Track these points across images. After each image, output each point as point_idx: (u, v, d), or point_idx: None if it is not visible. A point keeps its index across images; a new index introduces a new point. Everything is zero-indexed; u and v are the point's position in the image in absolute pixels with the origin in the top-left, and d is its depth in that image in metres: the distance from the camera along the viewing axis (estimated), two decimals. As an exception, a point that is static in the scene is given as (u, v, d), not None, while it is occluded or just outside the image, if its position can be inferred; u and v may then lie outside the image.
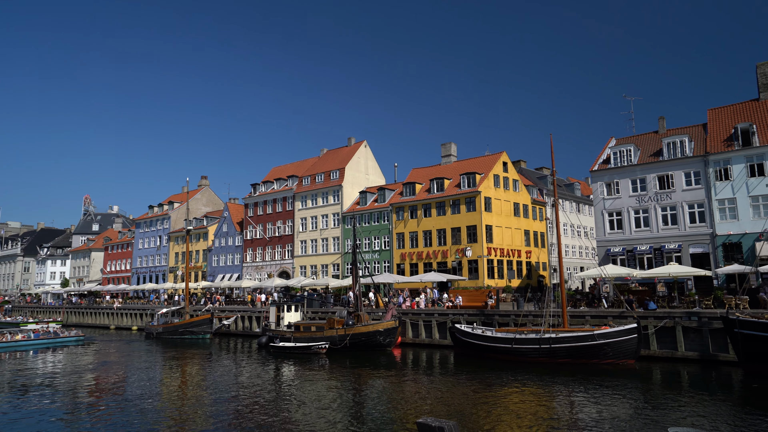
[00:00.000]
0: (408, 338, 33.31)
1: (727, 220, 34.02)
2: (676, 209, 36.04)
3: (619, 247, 37.93)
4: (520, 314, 29.08)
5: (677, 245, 35.52)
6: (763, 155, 33.22)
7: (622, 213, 38.27)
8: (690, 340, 24.07)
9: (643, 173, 37.74)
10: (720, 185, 34.43)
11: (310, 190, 59.36)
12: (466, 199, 45.78)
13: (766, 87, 37.49)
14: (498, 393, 18.03)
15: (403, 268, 49.09)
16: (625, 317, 25.64)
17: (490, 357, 25.70)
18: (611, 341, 23.13)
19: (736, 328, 20.40)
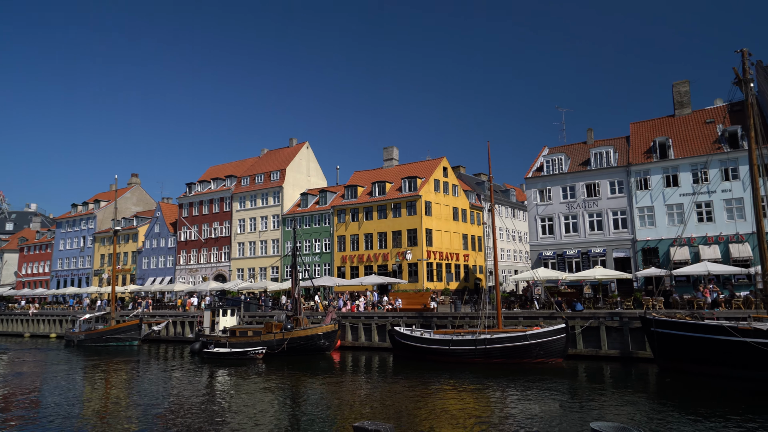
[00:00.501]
0: (347, 341, 33.19)
1: (646, 227, 36.61)
2: (602, 216, 38.35)
3: (550, 251, 39.80)
4: (458, 316, 29.78)
5: (602, 250, 37.79)
6: (677, 167, 36.06)
7: (554, 219, 40.20)
8: (612, 338, 25.63)
9: (573, 181, 39.87)
10: (640, 194, 37.01)
11: (249, 191, 57.85)
12: (408, 202, 46.36)
13: (681, 104, 40.77)
14: (435, 394, 18.34)
15: (344, 270, 48.93)
16: (554, 318, 26.90)
17: (428, 359, 26.10)
18: (542, 341, 24.19)
19: (652, 327, 21.95)
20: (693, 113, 40.18)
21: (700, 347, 20.40)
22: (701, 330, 20.43)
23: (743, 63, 20.94)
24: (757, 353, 18.76)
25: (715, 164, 34.56)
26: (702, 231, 34.53)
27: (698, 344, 20.45)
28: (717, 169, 34.61)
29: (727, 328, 19.62)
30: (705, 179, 34.85)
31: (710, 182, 34.67)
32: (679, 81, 40.94)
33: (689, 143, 37.07)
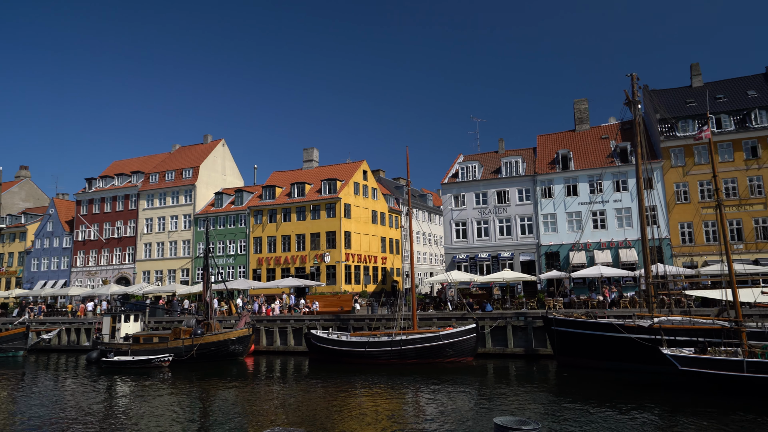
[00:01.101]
0: (262, 346, 32.33)
1: (549, 232, 39.38)
2: (511, 221, 40.68)
3: (463, 255, 41.50)
4: (374, 318, 30.11)
5: (510, 253, 40.07)
6: (577, 178, 39.19)
7: (467, 223, 41.99)
8: (518, 337, 27.26)
9: (485, 188, 41.93)
10: (545, 202, 39.76)
11: (158, 189, 54.49)
12: (327, 205, 46.15)
13: (581, 120, 44.40)
14: (351, 396, 18.39)
15: (260, 273, 47.62)
16: (466, 319, 28.09)
17: (345, 361, 26.12)
18: (454, 341, 25.15)
19: (552, 326, 23.65)
20: (591, 129, 43.92)
21: (593, 343, 22.30)
22: (594, 328, 22.34)
23: (632, 86, 23.28)
24: (641, 348, 20.86)
25: (608, 176, 38.01)
26: (597, 237, 37.78)
27: (592, 341, 22.34)
28: (610, 181, 38.08)
29: (616, 326, 21.64)
30: (600, 190, 38.20)
31: (604, 193, 38.07)
32: (580, 99, 44.62)
33: (587, 156, 40.45)
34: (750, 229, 34.58)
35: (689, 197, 36.27)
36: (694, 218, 35.81)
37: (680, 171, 36.76)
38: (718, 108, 37.18)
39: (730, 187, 35.51)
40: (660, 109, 38.30)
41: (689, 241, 35.94)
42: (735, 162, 35.59)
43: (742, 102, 37.13)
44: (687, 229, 36.10)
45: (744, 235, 34.64)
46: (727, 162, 35.76)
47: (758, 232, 34.44)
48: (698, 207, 35.82)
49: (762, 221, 34.53)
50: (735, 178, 35.43)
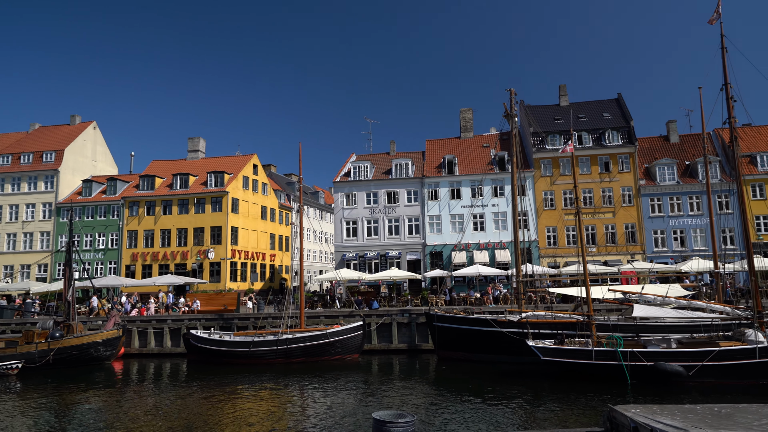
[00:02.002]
0: (134, 348, 29.81)
1: (434, 233, 41.39)
2: (399, 221, 42.07)
3: (353, 253, 42.02)
4: (260, 317, 29.30)
5: (398, 252, 41.42)
6: (460, 182, 41.68)
7: (358, 222, 42.59)
8: (402, 333, 28.29)
9: (376, 188, 42.87)
10: (431, 204, 41.72)
11: (11, 172, 47.70)
12: (213, 198, 43.89)
13: (466, 128, 47.29)
14: (231, 399, 17.70)
15: (134, 269, 43.86)
16: (353, 316, 28.49)
17: (227, 363, 25.06)
18: (341, 338, 25.38)
19: (434, 321, 24.92)
20: (474, 137, 46.98)
21: (470, 338, 23.91)
22: (471, 323, 23.96)
23: (511, 100, 25.37)
24: (511, 341, 22.80)
25: (488, 182, 40.98)
26: (476, 238, 40.53)
27: (469, 335, 23.94)
28: (489, 186, 41.09)
29: (490, 321, 23.42)
30: (480, 194, 41.04)
31: (484, 197, 40.98)
32: (465, 108, 47.53)
33: (470, 163, 43.21)
34: (602, 234, 39.49)
35: (555, 204, 40.44)
36: (558, 223, 39.99)
37: (548, 180, 40.83)
38: (580, 126, 41.92)
39: (588, 197, 40.23)
40: (533, 123, 42.19)
41: (554, 244, 40.06)
42: (592, 175, 40.41)
43: (599, 122, 42.27)
44: (552, 233, 40.20)
45: (597, 239, 39.47)
46: (586, 174, 40.47)
47: (607, 237, 39.47)
48: (561, 213, 40.08)
49: (611, 228, 39.62)
50: (591, 189, 40.23)
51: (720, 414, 4.48)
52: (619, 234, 39.37)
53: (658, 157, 41.83)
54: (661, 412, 4.47)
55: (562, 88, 46.06)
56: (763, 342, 17.67)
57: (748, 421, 3.96)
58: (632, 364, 18.13)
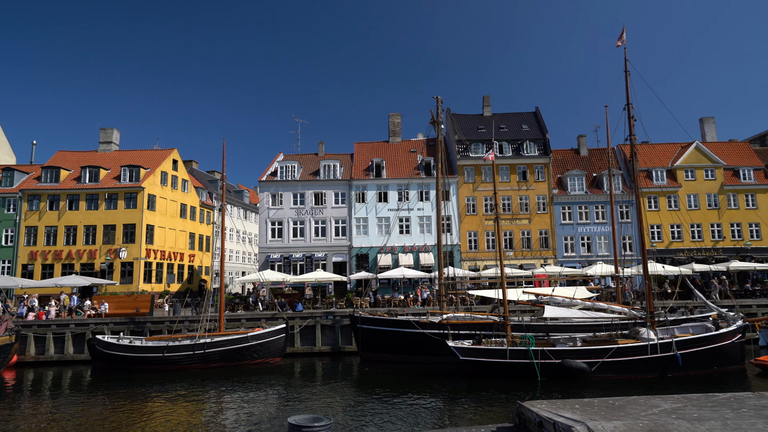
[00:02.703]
0: (29, 356, 27.18)
1: (361, 235, 41.59)
2: (326, 223, 41.83)
3: (278, 254, 41.16)
4: (176, 320, 27.87)
5: (324, 254, 41.16)
6: (388, 186, 42.24)
7: (284, 223, 41.80)
8: (326, 336, 28.13)
9: (304, 189, 42.34)
10: (358, 206, 41.88)
11: None
12: (127, 194, 41.15)
13: (394, 133, 48.02)
14: (141, 408, 16.67)
15: (33, 269, 40.04)
16: (276, 319, 27.91)
17: (139, 369, 23.58)
18: (262, 342, 24.76)
19: (358, 323, 25.03)
20: (402, 142, 47.83)
21: (393, 339, 24.26)
22: (394, 324, 24.33)
23: (437, 108, 26.13)
24: (432, 341, 23.41)
25: (414, 187, 41.87)
26: (402, 241, 41.24)
27: (392, 336, 24.28)
28: (415, 191, 41.99)
29: (413, 322, 23.92)
30: (407, 198, 41.83)
31: (410, 201, 41.81)
32: (394, 113, 48.25)
33: (398, 167, 43.93)
34: (518, 240, 41.70)
35: (476, 210, 42.12)
36: (479, 228, 41.70)
37: (471, 187, 42.47)
38: (501, 136, 44.04)
39: (506, 204, 42.33)
40: (458, 131, 43.74)
41: (475, 248, 41.71)
42: (511, 183, 42.58)
43: (518, 134, 44.66)
44: (473, 237, 41.84)
45: (514, 244, 41.62)
46: (505, 182, 42.57)
47: (523, 242, 41.75)
48: (482, 219, 41.83)
49: (527, 233, 41.95)
50: (510, 196, 42.37)
51: (614, 406, 4.87)
52: (534, 239, 41.77)
53: (569, 168, 44.90)
54: (563, 407, 4.79)
55: (486, 99, 48.14)
56: (654, 339, 19.53)
57: (636, 412, 4.35)
58: (542, 362, 19.30)
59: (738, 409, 4.34)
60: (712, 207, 42.37)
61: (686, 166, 43.15)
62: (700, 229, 41.99)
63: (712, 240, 41.80)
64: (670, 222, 41.74)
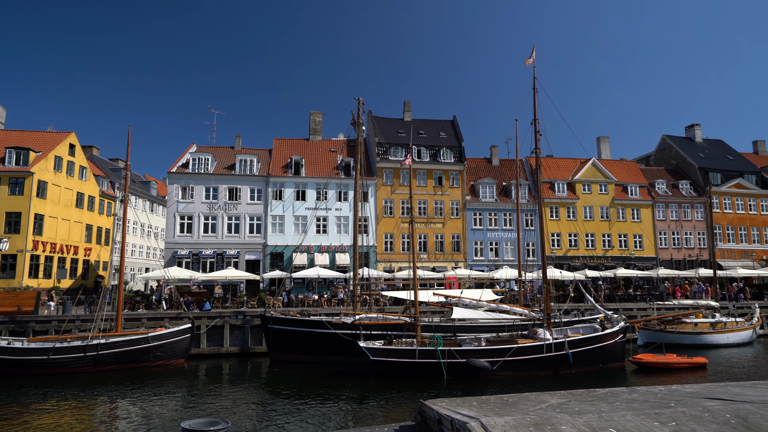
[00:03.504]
0: None
1: (276, 233, 40.70)
2: (240, 220, 40.44)
3: (186, 250, 39.09)
4: (65, 320, 25.49)
5: (237, 252, 39.75)
6: (306, 184, 41.74)
7: (194, 217, 39.79)
8: (235, 336, 27.17)
9: (217, 183, 40.61)
10: (275, 204, 40.97)
11: None
12: (12, 179, 37.00)
13: (315, 131, 47.58)
14: (16, 417, 15.03)
15: None
16: (181, 318, 26.48)
17: (19, 373, 21.24)
18: (164, 343, 23.37)
19: (269, 323, 24.46)
20: (323, 141, 47.52)
21: (305, 339, 23.98)
22: (306, 325, 24.07)
23: (358, 109, 26.29)
24: (345, 342, 23.44)
25: (333, 186, 41.75)
26: (318, 241, 40.94)
27: (304, 337, 24.00)
28: (334, 190, 41.89)
29: (325, 323, 23.81)
30: (325, 198, 41.60)
31: (328, 201, 41.63)
32: (316, 111, 47.83)
33: (317, 165, 43.57)
34: (432, 243, 43.05)
35: (393, 212, 42.89)
36: (395, 230, 42.48)
37: (389, 189, 43.18)
38: (420, 141, 45.24)
39: (422, 208, 43.55)
40: (378, 134, 44.29)
41: (390, 250, 42.43)
42: (427, 187, 43.88)
43: (436, 140, 46.15)
44: (390, 239, 42.54)
45: (428, 247, 42.91)
46: (422, 187, 43.80)
47: (437, 246, 43.18)
48: (399, 221, 42.68)
49: (440, 237, 43.43)
50: (426, 201, 43.65)
51: (507, 402, 5.16)
52: (446, 243, 43.34)
53: (482, 176, 47.17)
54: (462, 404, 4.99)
55: (407, 104, 49.22)
56: (549, 339, 21.06)
57: (527, 407, 4.65)
58: (449, 361, 20.06)
59: (612, 403, 4.78)
60: (604, 219, 46.55)
61: (584, 180, 47.04)
62: (593, 239, 45.95)
63: (603, 249, 45.93)
64: (569, 231, 45.27)
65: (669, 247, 47.13)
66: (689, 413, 4.35)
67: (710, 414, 4.35)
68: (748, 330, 30.21)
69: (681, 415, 4.32)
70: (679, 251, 47.20)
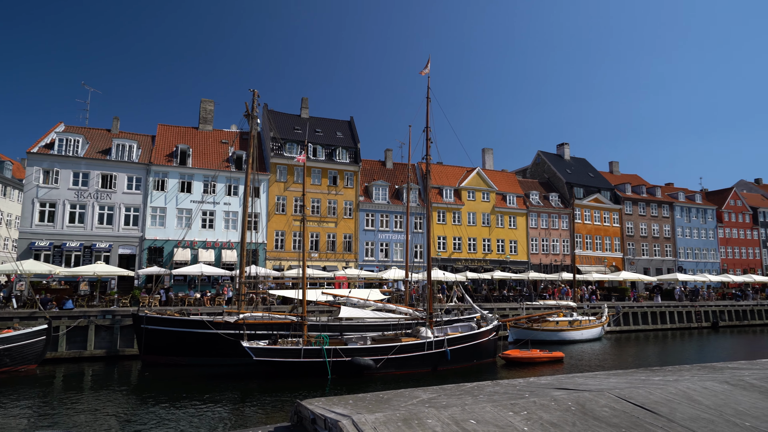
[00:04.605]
0: None
1: (156, 227, 37.82)
2: (114, 210, 36.94)
3: (46, 242, 34.78)
4: None
5: (109, 245, 36.24)
6: (193, 175, 39.36)
7: (57, 205, 35.56)
8: (101, 338, 24.75)
9: (88, 168, 36.71)
10: (156, 194, 38.05)
11: None
12: None
13: (205, 120, 45.07)
14: None
15: None
16: (36, 318, 23.52)
17: None
18: (12, 347, 20.57)
19: (142, 324, 22.66)
20: (214, 131, 45.17)
21: (184, 340, 22.58)
22: (185, 325, 22.70)
23: (253, 101, 25.42)
24: (227, 342, 22.48)
25: (222, 179, 39.86)
26: (204, 236, 38.80)
27: (182, 338, 22.59)
28: (224, 184, 40.01)
29: (206, 322, 22.64)
30: (213, 191, 39.56)
31: (216, 194, 39.66)
32: (207, 99, 45.33)
33: (206, 156, 41.30)
34: (324, 242, 42.98)
35: (286, 210, 42.10)
36: (286, 228, 41.73)
37: (282, 186, 42.30)
38: (316, 140, 44.94)
39: (316, 206, 43.30)
40: (274, 128, 43.19)
41: (281, 247, 41.57)
42: (321, 186, 43.73)
43: (333, 139, 46.19)
44: (281, 237, 41.68)
45: (320, 246, 42.76)
46: (317, 185, 43.55)
47: (329, 245, 43.21)
48: (291, 219, 41.99)
49: (333, 236, 43.52)
50: (320, 199, 43.47)
51: (382, 399, 5.33)
52: (338, 243, 43.53)
53: (376, 178, 48.14)
54: (338, 402, 5.06)
55: (305, 101, 48.62)
56: (430, 337, 22.13)
57: (398, 403, 4.84)
58: (335, 360, 20.19)
59: (477, 396, 5.16)
60: (485, 224, 50.01)
61: (469, 187, 50.14)
62: (475, 243, 49.14)
63: (483, 252, 49.33)
64: (454, 235, 47.93)
65: (539, 253, 51.99)
66: (539, 402, 4.88)
67: (556, 402, 4.92)
68: (598, 327, 34.39)
69: (532, 404, 4.83)
70: (547, 256, 52.28)
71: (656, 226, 59.19)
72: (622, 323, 39.35)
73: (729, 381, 6.24)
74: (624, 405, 5.00)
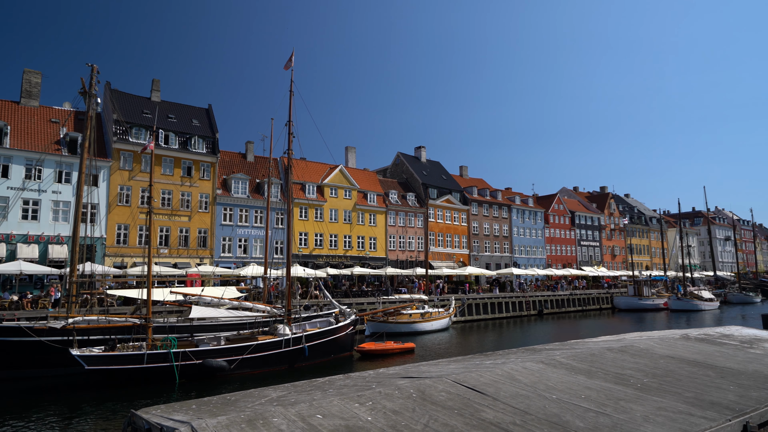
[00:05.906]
0: None
1: (-42, 217, 31.43)
2: None
3: None
4: None
5: None
6: (11, 158, 33.54)
7: None
8: None
9: None
10: (-41, 178, 31.61)
11: None
12: None
13: (30, 94, 38.66)
14: None
15: None
16: None
17: None
18: None
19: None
20: (40, 108, 38.98)
21: (-8, 351, 19.11)
22: (-4, 333, 19.25)
23: (91, 77, 22.49)
24: (53, 351, 19.57)
25: (51, 164, 34.61)
26: (25, 229, 33.34)
27: (-9, 348, 19.10)
28: (52, 169, 34.78)
29: (25, 329, 19.46)
30: (38, 177, 34.17)
31: (43, 181, 34.32)
32: (32, 70, 38.94)
33: (30, 137, 35.50)
34: (176, 237, 39.80)
35: (131, 201, 38.07)
36: (131, 221, 37.75)
37: (127, 174, 38.14)
38: (168, 126, 41.38)
39: (167, 198, 39.88)
40: (117, 110, 38.74)
41: (124, 243, 37.48)
42: (174, 177, 40.41)
43: (188, 127, 42.98)
44: (123, 231, 37.56)
45: (171, 241, 39.49)
46: (168, 175, 40.12)
47: (181, 240, 40.14)
48: (137, 211, 38.09)
49: (186, 231, 40.52)
50: (171, 191, 40.13)
51: (229, 401, 5.10)
52: (192, 238, 40.67)
53: (235, 171, 45.98)
54: (179, 409, 4.73)
55: (156, 83, 44.45)
56: (288, 334, 21.84)
57: (245, 404, 4.68)
58: (183, 363, 18.82)
59: (326, 390, 5.21)
60: (347, 221, 50.88)
61: (332, 184, 50.55)
62: (336, 239, 49.72)
63: (344, 249, 50.15)
64: (315, 231, 47.93)
65: (396, 249, 54.51)
66: (384, 392, 5.10)
67: (399, 391, 5.18)
68: (446, 318, 37.21)
69: (377, 394, 5.02)
70: (404, 253, 55.07)
71: (497, 226, 66.01)
72: (467, 314, 43.12)
73: (544, 361, 7.19)
74: (458, 388, 5.48)
